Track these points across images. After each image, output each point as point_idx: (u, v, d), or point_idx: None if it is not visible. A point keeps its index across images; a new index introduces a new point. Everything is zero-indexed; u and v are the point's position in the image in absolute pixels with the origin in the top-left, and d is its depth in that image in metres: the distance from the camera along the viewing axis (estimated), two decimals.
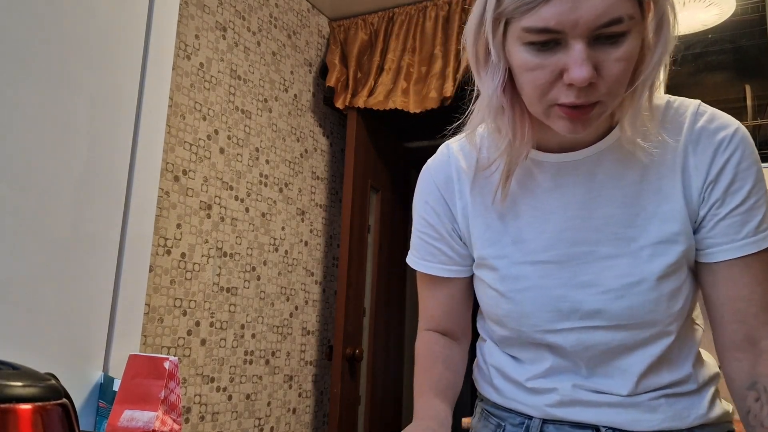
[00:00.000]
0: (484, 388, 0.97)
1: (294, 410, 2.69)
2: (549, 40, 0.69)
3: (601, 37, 0.68)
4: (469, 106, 0.83)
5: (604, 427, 0.84)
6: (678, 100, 0.84)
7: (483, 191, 0.89)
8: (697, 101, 0.83)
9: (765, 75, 2.41)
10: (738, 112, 2.17)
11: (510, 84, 0.77)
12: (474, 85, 0.81)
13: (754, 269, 0.79)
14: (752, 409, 0.77)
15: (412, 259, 0.98)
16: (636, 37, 0.70)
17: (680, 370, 0.84)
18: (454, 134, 0.91)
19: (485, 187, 0.89)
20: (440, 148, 0.96)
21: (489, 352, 0.96)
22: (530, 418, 0.89)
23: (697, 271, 0.84)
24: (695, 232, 0.82)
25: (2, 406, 0.57)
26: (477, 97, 0.81)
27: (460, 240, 0.93)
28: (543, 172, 0.85)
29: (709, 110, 0.82)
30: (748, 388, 0.78)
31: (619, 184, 0.82)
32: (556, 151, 0.84)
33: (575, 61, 0.67)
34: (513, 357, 0.92)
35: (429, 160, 0.96)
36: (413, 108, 2.68)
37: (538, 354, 0.89)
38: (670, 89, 2.10)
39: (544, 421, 0.88)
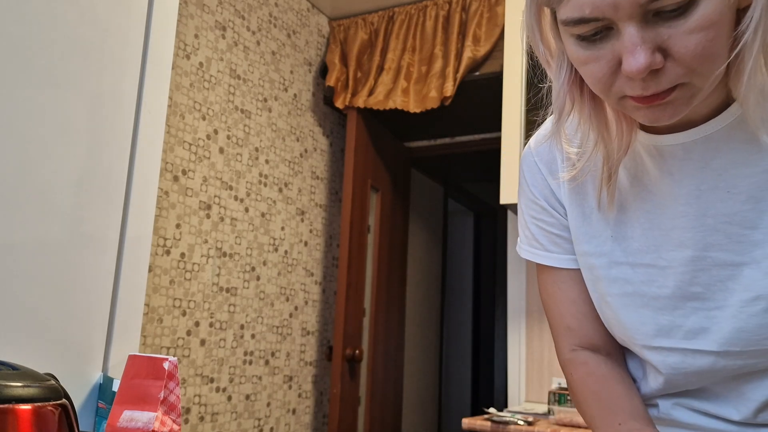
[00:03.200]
0: None
1: (293, 411, 2.68)
2: (597, 30, 0.57)
3: (662, 11, 0.54)
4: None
5: None
6: None
7: (581, 184, 0.76)
8: None
9: None
10: None
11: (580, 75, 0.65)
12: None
13: None
14: None
15: (535, 253, 0.83)
16: None
17: None
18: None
19: (585, 175, 0.75)
20: (545, 123, 0.81)
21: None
22: None
23: None
24: None
25: (2, 406, 0.57)
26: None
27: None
28: (651, 156, 0.71)
29: None
30: None
31: (742, 174, 0.65)
32: (663, 132, 0.69)
33: (626, 49, 0.55)
34: (631, 362, 0.83)
35: (532, 138, 0.83)
36: (413, 108, 2.68)
37: (644, 364, 0.79)
38: None
39: None
